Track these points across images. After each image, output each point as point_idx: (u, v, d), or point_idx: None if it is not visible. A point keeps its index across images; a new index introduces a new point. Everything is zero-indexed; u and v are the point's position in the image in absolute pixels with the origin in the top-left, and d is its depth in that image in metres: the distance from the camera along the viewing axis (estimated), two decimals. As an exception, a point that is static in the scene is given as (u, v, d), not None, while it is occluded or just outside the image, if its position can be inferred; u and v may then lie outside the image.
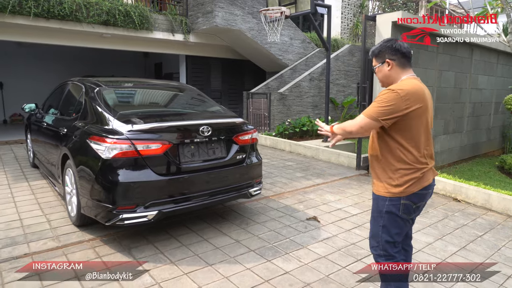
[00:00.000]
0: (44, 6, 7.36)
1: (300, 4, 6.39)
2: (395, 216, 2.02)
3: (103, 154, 2.97)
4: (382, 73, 2.07)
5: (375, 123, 1.95)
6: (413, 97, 1.90)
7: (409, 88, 1.92)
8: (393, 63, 2.02)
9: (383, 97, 1.91)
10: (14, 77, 12.00)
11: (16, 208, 4.00)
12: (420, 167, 2.00)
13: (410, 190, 1.98)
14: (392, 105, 1.89)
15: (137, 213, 2.97)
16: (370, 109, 1.96)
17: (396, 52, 2.01)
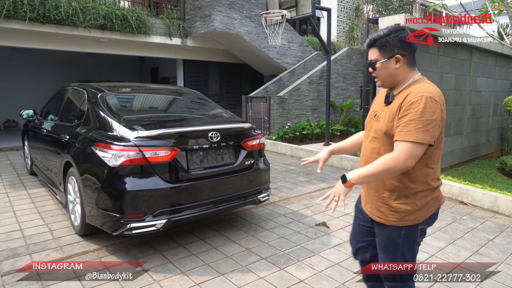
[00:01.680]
0: (39, 11, 7.25)
1: (300, 8, 6.36)
2: (413, 244, 1.73)
3: (110, 162, 2.88)
4: (387, 70, 1.64)
5: (425, 147, 1.54)
6: (444, 104, 1.61)
7: (440, 93, 1.60)
8: (403, 60, 1.62)
9: (428, 109, 1.49)
10: (8, 83, 11.81)
11: (16, 218, 3.88)
12: (438, 184, 1.70)
13: (429, 212, 1.68)
14: (438, 118, 1.53)
15: (145, 222, 2.88)
16: (421, 130, 1.48)
17: (408, 47, 1.63)
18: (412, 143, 1.49)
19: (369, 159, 1.68)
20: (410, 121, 1.51)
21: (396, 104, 1.61)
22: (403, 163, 1.50)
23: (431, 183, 1.66)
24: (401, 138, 1.52)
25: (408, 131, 1.50)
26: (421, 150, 1.52)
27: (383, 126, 1.63)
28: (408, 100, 1.55)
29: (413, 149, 1.50)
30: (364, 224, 1.91)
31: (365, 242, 1.94)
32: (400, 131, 1.53)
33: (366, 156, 1.74)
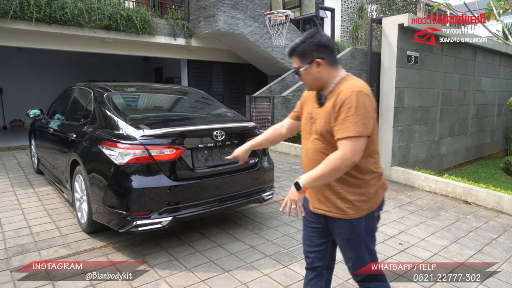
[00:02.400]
0: (46, 11, 7.32)
1: (304, 8, 6.39)
2: (372, 231, 1.78)
3: (116, 160, 2.92)
4: (311, 76, 1.69)
5: (366, 139, 1.60)
6: (372, 97, 1.67)
7: (367, 87, 1.67)
8: (323, 62, 1.66)
9: (361, 104, 1.56)
10: (14, 83, 11.92)
11: (23, 215, 3.94)
12: (381, 171, 1.79)
13: (380, 198, 1.76)
14: (370, 110, 1.60)
15: (151, 219, 2.92)
16: (358, 124, 1.55)
17: (325, 49, 1.67)
18: (353, 138, 1.55)
19: (314, 159, 1.73)
20: (346, 117, 1.57)
21: (329, 104, 1.65)
22: (349, 159, 1.56)
23: (376, 170, 1.74)
24: (342, 136, 1.57)
25: (347, 128, 1.56)
26: (363, 143, 1.58)
27: (322, 127, 1.68)
28: (340, 98, 1.60)
29: (355, 143, 1.56)
30: (315, 226, 1.87)
31: (322, 246, 1.89)
32: (339, 129, 1.59)
33: (310, 158, 1.77)
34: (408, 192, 5.15)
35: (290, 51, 1.72)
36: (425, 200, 4.83)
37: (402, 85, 5.66)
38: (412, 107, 5.94)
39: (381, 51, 5.71)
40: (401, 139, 5.83)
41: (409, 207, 4.50)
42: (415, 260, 3.11)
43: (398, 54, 5.48)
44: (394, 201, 4.74)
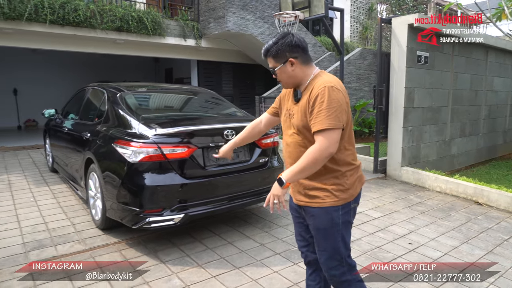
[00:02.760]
0: (59, 13, 7.47)
1: (314, 8, 6.40)
2: (348, 223, 1.81)
3: (130, 158, 2.99)
4: (286, 74, 1.79)
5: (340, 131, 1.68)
6: (345, 90, 1.75)
7: (340, 82, 1.75)
8: (297, 61, 1.76)
9: (333, 98, 1.64)
10: (28, 84, 12.17)
11: (40, 212, 4.04)
12: (358, 163, 1.86)
13: (357, 191, 1.82)
14: (343, 103, 1.68)
15: (163, 216, 2.98)
16: (331, 117, 1.62)
17: (297, 49, 1.76)
18: (327, 130, 1.63)
19: (294, 152, 1.81)
20: (319, 111, 1.65)
21: (304, 100, 1.74)
22: (326, 150, 1.63)
23: (353, 162, 1.81)
24: (317, 128, 1.65)
25: (320, 121, 1.64)
26: (337, 135, 1.66)
27: (299, 122, 1.76)
28: (313, 94, 1.69)
29: (330, 135, 1.63)
30: (302, 221, 1.94)
31: (312, 239, 1.93)
32: (314, 123, 1.66)
33: (290, 152, 1.85)
34: (418, 193, 5.13)
35: (265, 52, 1.81)
36: (436, 200, 4.81)
37: (412, 85, 5.65)
38: (422, 107, 5.92)
39: (391, 51, 5.70)
40: (411, 139, 5.81)
41: (419, 207, 4.49)
42: (425, 260, 3.11)
43: (408, 54, 5.46)
44: (404, 201, 4.73)
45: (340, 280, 1.83)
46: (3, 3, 6.69)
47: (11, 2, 6.86)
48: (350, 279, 1.83)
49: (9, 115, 11.94)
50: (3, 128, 11.65)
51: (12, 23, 7.09)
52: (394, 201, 4.73)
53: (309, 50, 7.07)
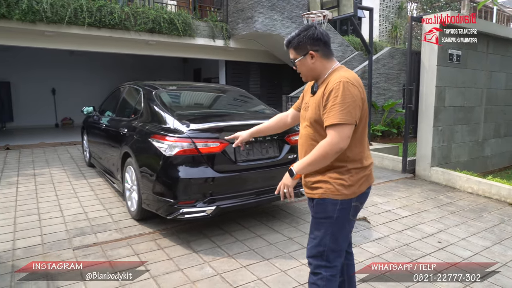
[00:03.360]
0: (96, 16, 7.85)
1: (342, 7, 6.42)
2: (344, 220, 1.80)
3: (166, 152, 3.15)
4: (305, 67, 1.81)
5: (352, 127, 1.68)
6: (362, 87, 1.74)
7: (357, 77, 1.74)
8: (317, 55, 1.77)
9: (347, 93, 1.64)
10: (65, 84, 12.80)
11: (79, 203, 4.30)
12: (369, 163, 1.83)
13: (361, 190, 1.79)
14: (357, 99, 1.67)
15: (196, 207, 3.13)
16: (344, 112, 1.63)
17: (319, 42, 1.77)
18: (338, 125, 1.63)
19: (305, 145, 1.84)
20: (332, 105, 1.65)
21: (319, 93, 1.76)
22: (337, 145, 1.64)
23: (362, 161, 1.79)
24: (329, 123, 1.66)
25: (333, 115, 1.64)
26: (349, 130, 1.66)
27: (312, 114, 1.78)
28: (328, 88, 1.70)
29: (342, 130, 1.64)
30: None
31: None
32: (326, 117, 1.67)
33: (301, 144, 1.89)
34: (449, 193, 5.05)
35: (286, 43, 1.83)
36: (467, 201, 4.72)
37: (443, 84, 5.55)
38: (454, 106, 5.80)
39: (421, 49, 5.63)
40: (442, 139, 5.71)
41: (449, 208, 4.43)
42: (454, 259, 3.09)
43: (439, 53, 5.38)
44: (433, 201, 4.67)
45: (314, 270, 1.85)
46: (46, 8, 7.12)
47: (53, 7, 7.28)
48: (324, 274, 1.81)
49: (48, 113, 12.60)
50: (43, 126, 12.32)
51: (53, 26, 7.53)
52: (423, 200, 4.68)
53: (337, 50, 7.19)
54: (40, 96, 12.38)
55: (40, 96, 12.39)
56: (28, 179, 5.31)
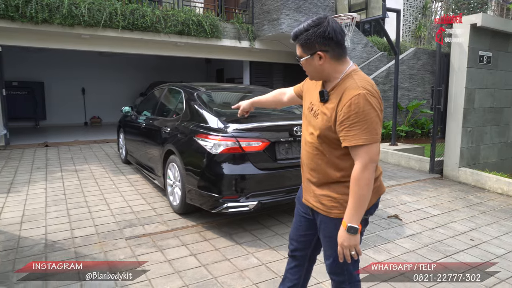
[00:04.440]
0: (129, 19, 8.19)
1: (371, 10, 6.51)
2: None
3: (211, 150, 3.38)
4: (312, 67, 1.59)
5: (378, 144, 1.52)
6: (379, 94, 1.55)
7: (374, 84, 1.56)
8: (326, 56, 1.54)
9: (369, 107, 1.46)
10: (94, 83, 13.30)
11: (123, 197, 4.59)
12: (377, 174, 1.67)
13: (371, 202, 1.64)
14: (379, 113, 1.49)
15: (240, 202, 3.34)
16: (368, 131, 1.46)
17: (330, 41, 1.51)
18: (364, 146, 1.47)
19: (310, 154, 1.69)
20: (353, 123, 1.46)
21: (332, 104, 1.55)
22: (371, 165, 1.49)
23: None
24: (352, 143, 1.48)
25: (355, 135, 1.46)
26: (376, 149, 1.49)
27: (321, 125, 1.59)
28: (344, 101, 1.49)
29: (369, 150, 1.47)
30: (305, 217, 1.85)
31: (306, 237, 1.88)
32: (346, 136, 1.49)
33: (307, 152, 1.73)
34: (478, 194, 5.10)
35: (293, 37, 1.59)
36: (497, 201, 4.77)
37: (472, 86, 5.59)
38: (483, 108, 5.83)
39: (451, 51, 5.68)
40: (470, 140, 5.75)
41: (480, 207, 4.50)
42: (488, 256, 3.20)
43: (469, 54, 5.43)
44: (463, 201, 4.75)
45: (339, 286, 1.77)
46: (84, 12, 7.49)
47: (90, 11, 7.65)
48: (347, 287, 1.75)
49: (78, 112, 13.13)
50: (73, 124, 12.85)
51: (90, 30, 7.90)
52: (453, 200, 4.76)
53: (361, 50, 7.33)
54: (71, 95, 12.92)
55: (71, 96, 12.92)
56: (71, 175, 5.65)
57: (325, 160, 1.64)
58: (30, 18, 7.13)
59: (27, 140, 8.99)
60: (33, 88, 11.96)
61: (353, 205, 1.50)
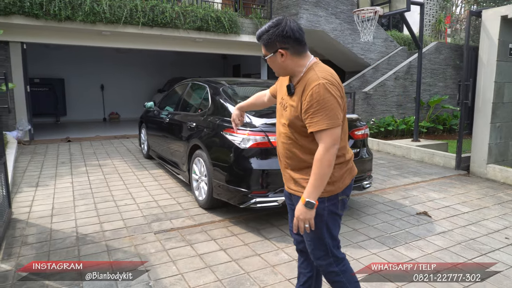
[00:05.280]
0: (149, 16, 8.24)
1: (394, 3, 6.38)
2: (335, 215, 1.78)
3: (240, 145, 3.36)
4: (276, 64, 1.74)
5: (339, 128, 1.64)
6: (340, 84, 1.69)
7: (334, 74, 1.69)
8: (287, 52, 1.67)
9: (328, 95, 1.58)
10: (112, 80, 13.46)
11: (148, 192, 4.62)
12: (350, 156, 1.82)
13: (345, 183, 1.78)
14: (338, 99, 1.62)
15: (269, 197, 3.32)
16: (329, 116, 1.58)
17: (289, 39, 1.65)
18: (327, 130, 1.59)
19: (284, 144, 1.81)
20: (316, 111, 1.59)
21: (297, 95, 1.68)
22: (333, 148, 1.60)
23: (345, 155, 1.77)
24: (316, 129, 1.60)
25: (318, 121, 1.59)
26: (337, 132, 1.61)
27: (290, 116, 1.72)
28: (307, 91, 1.62)
29: (331, 133, 1.59)
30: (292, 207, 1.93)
31: None
32: (310, 122, 1.62)
33: (282, 142, 1.84)
34: (508, 191, 4.96)
35: (257, 38, 1.76)
36: (528, 199, 4.64)
37: (502, 80, 5.43)
38: (512, 103, 5.66)
39: (479, 44, 5.52)
40: (499, 136, 5.59)
41: (511, 205, 4.37)
42: (525, 254, 3.10)
43: (499, 47, 5.26)
44: (493, 198, 4.63)
45: (327, 270, 1.83)
46: (105, 9, 7.56)
47: (112, 8, 7.72)
48: (337, 270, 1.82)
49: (97, 108, 13.32)
50: (93, 120, 13.05)
51: (111, 26, 7.97)
52: (482, 197, 4.64)
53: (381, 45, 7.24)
54: (90, 91, 13.10)
55: (90, 92, 13.11)
56: (95, 169, 5.72)
57: (298, 147, 1.76)
58: (53, 16, 7.24)
59: (50, 135, 9.17)
60: (54, 84, 12.17)
61: (313, 182, 1.62)
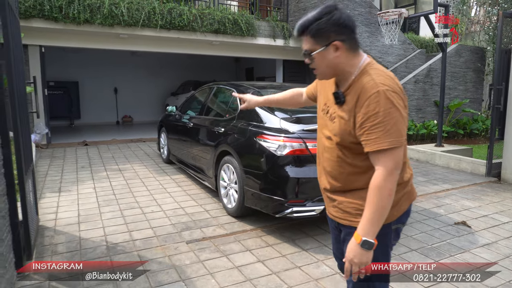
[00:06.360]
0: (167, 19, 8.18)
1: (420, 5, 6.23)
2: (385, 247, 1.47)
3: (276, 152, 3.24)
4: (325, 61, 1.38)
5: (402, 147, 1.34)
6: (403, 90, 1.36)
7: (395, 79, 1.36)
8: (343, 46, 1.35)
9: (391, 106, 1.28)
10: (126, 83, 13.45)
11: (173, 198, 4.52)
12: (408, 178, 1.49)
13: (401, 209, 1.47)
14: (403, 112, 1.30)
15: (306, 207, 3.19)
16: (390, 133, 1.27)
17: (345, 30, 1.35)
18: (388, 150, 1.28)
19: (331, 161, 1.50)
20: (374, 126, 1.29)
21: (349, 105, 1.37)
22: (395, 174, 1.30)
23: (402, 176, 1.42)
24: (374, 148, 1.30)
25: (377, 138, 1.28)
26: (400, 154, 1.31)
27: (339, 130, 1.42)
28: (362, 100, 1.32)
29: (393, 155, 1.28)
30: (336, 230, 1.66)
31: None
32: (367, 140, 1.31)
33: (327, 158, 1.53)
34: (544, 199, 4.77)
35: (300, 29, 1.39)
36: None
37: (535, 84, 5.25)
38: (546, 107, 5.46)
39: (512, 47, 5.35)
40: (532, 142, 5.40)
41: (552, 215, 4.19)
42: None
43: (533, 50, 5.09)
44: (530, 207, 4.44)
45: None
46: (124, 12, 7.52)
47: (130, 11, 7.67)
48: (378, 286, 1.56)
49: (110, 111, 13.31)
50: (106, 123, 13.04)
51: (128, 29, 7.93)
52: (519, 206, 4.46)
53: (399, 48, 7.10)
54: (104, 95, 13.11)
55: (104, 95, 13.11)
56: (116, 174, 5.65)
57: (348, 166, 1.45)
58: (72, 19, 7.21)
59: (66, 138, 9.14)
60: (69, 87, 12.19)
61: (371, 216, 1.30)
